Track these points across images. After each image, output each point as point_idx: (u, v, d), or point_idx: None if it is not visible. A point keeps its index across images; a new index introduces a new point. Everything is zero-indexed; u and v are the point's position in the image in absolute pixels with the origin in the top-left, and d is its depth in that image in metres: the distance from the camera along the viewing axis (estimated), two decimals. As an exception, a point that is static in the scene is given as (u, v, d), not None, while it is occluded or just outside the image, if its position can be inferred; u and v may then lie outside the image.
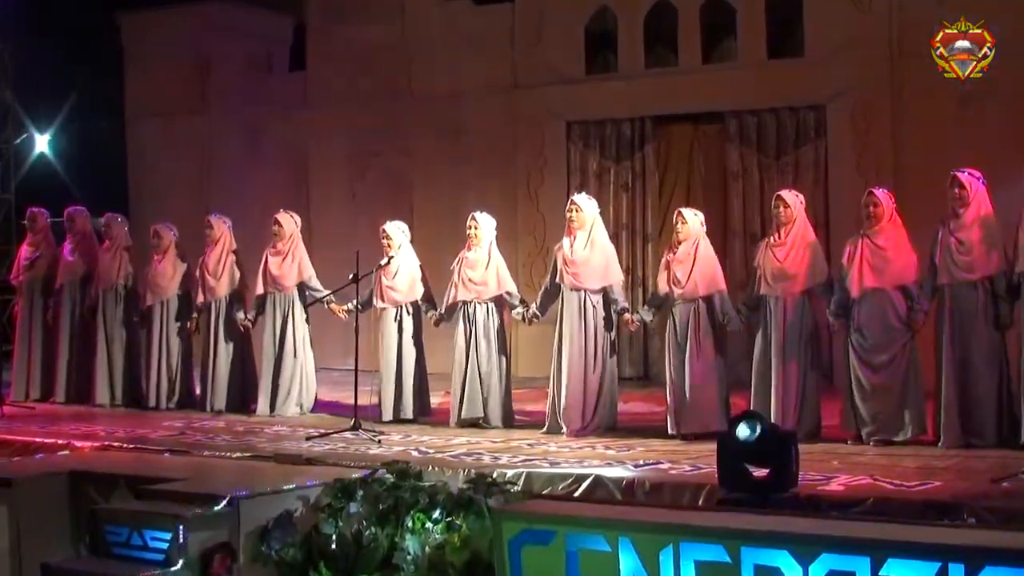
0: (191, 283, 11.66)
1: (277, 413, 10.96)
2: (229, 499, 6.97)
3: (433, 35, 15.10)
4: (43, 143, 17.24)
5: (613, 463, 8.14)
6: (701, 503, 7.11)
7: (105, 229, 12.35)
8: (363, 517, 7.08)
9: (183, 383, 11.72)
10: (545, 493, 7.53)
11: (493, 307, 10.21)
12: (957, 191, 8.64)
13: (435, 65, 15.04)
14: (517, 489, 7.45)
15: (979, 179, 8.68)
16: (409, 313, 10.59)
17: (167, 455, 8.99)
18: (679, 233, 9.51)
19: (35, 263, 12.72)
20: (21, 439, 9.72)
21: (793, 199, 9.28)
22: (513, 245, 13.35)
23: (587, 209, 9.80)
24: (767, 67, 13.35)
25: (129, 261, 12.17)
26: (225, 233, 11.57)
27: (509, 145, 14.51)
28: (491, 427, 9.98)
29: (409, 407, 10.46)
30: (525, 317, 10.17)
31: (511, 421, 10.14)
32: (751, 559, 5.64)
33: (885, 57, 12.69)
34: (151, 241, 11.88)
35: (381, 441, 9.22)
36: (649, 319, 9.86)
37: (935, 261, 8.71)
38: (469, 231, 10.28)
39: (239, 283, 11.47)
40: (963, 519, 6.42)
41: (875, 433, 8.71)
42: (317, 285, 11.16)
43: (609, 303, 9.72)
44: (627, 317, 9.70)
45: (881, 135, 12.70)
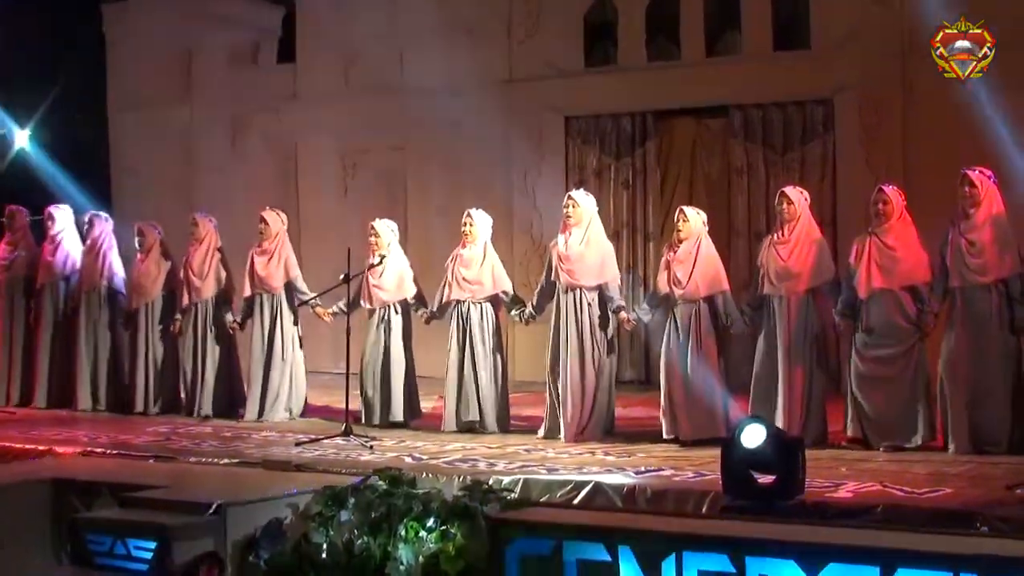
0: (176, 283, 11.67)
1: (266, 418, 10.96)
2: (216, 507, 6.98)
3: (426, 26, 15.08)
4: (23, 138, 17.22)
5: (613, 469, 8.15)
6: (704, 511, 7.12)
7: (87, 228, 12.36)
8: (355, 526, 7.09)
9: (168, 387, 11.72)
10: (543, 501, 7.53)
11: (488, 307, 10.22)
12: (968, 190, 8.66)
13: (429, 57, 15.04)
14: (514, 496, 7.45)
15: (990, 177, 8.71)
16: (397, 313, 10.61)
17: (152, 461, 8.99)
18: (680, 232, 9.53)
19: (14, 263, 12.71)
20: (0, 444, 9.72)
21: (797, 195, 9.30)
22: (509, 244, 13.38)
23: (584, 205, 9.82)
24: (773, 59, 13.37)
25: (114, 261, 12.18)
26: (211, 232, 11.57)
27: (505, 141, 14.50)
28: (487, 432, 9.99)
29: (399, 410, 10.47)
30: (521, 317, 10.19)
31: (507, 426, 10.16)
32: (756, 569, 5.67)
33: (895, 49, 12.69)
34: (135, 240, 11.89)
35: (373, 447, 9.24)
36: (646, 319, 9.88)
37: (946, 262, 8.72)
38: (464, 228, 10.29)
39: (226, 283, 11.47)
40: (976, 528, 6.42)
41: (882, 439, 8.74)
42: (303, 286, 11.15)
43: (605, 301, 9.74)
44: (623, 316, 9.72)
45: (891, 130, 12.71)
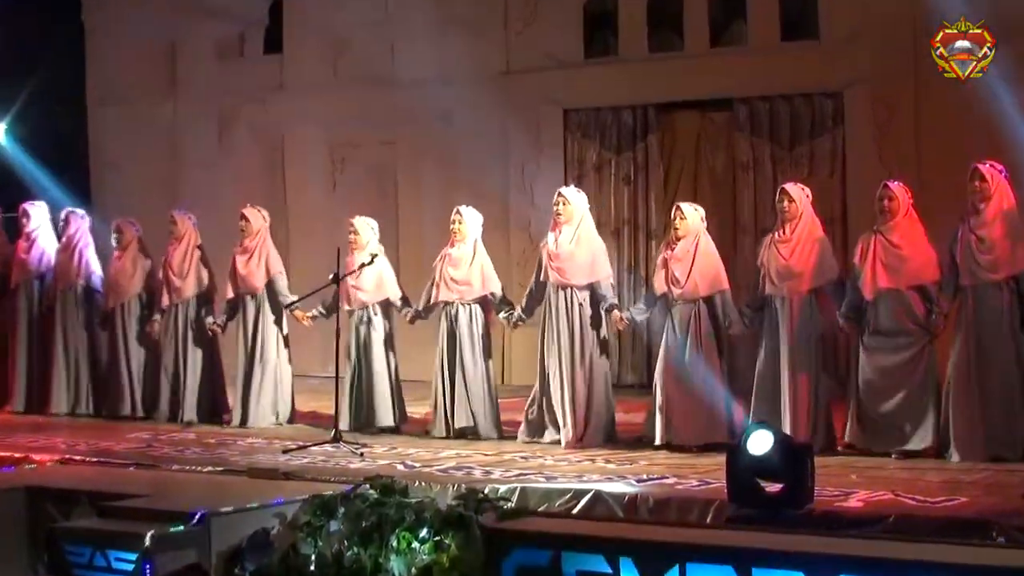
0: (155, 283, 11.66)
1: (251, 424, 10.95)
2: (199, 517, 6.97)
3: (419, 14, 15.07)
4: (-1, 132, 17.20)
5: (614, 477, 8.15)
6: (709, 520, 7.12)
7: (63, 224, 12.35)
8: (344, 536, 7.08)
9: (149, 391, 11.70)
10: (541, 510, 7.53)
11: (477, 309, 10.21)
12: (978, 184, 8.67)
13: (421, 47, 15.02)
14: (511, 505, 7.44)
15: (1001, 172, 8.72)
16: (377, 314, 10.59)
17: (133, 469, 8.98)
18: (678, 229, 9.53)
19: (-15, 262, 12.74)
20: (-26, 452, 9.72)
21: (798, 192, 9.30)
22: (506, 243, 13.37)
23: (575, 202, 9.82)
24: (780, 50, 13.37)
25: (91, 259, 12.17)
26: (190, 229, 11.56)
27: (501, 135, 14.50)
28: (481, 438, 9.98)
29: (385, 416, 10.46)
30: (510, 321, 10.17)
31: (501, 431, 10.14)
32: (763, 581, 5.67)
33: (908, 40, 12.67)
34: (112, 237, 11.88)
35: (364, 454, 9.23)
36: (640, 319, 9.88)
37: (956, 260, 8.72)
38: (453, 226, 10.29)
39: (208, 283, 11.46)
40: (992, 538, 6.42)
41: (889, 444, 8.73)
42: (282, 286, 11.09)
43: (598, 301, 9.73)
44: (616, 315, 9.70)
45: (904, 124, 12.71)
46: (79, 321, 12.08)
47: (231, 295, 11.20)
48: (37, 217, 12.61)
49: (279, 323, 11.14)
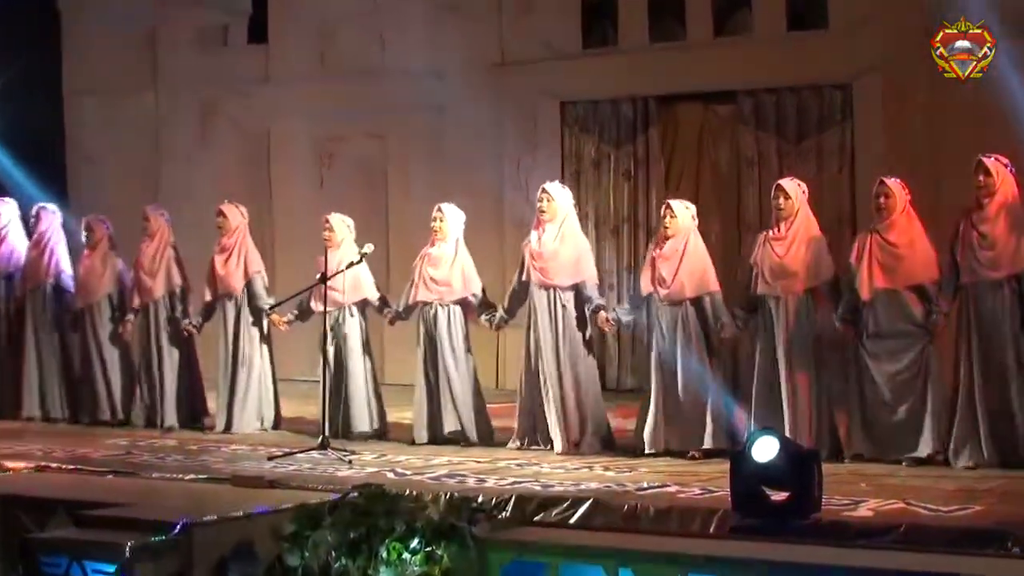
0: (126, 282, 11.65)
1: (236, 430, 10.96)
2: (181, 526, 6.96)
3: (409, 3, 15.07)
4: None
5: (613, 485, 8.16)
6: (712, 530, 7.13)
7: (34, 221, 12.33)
8: (332, 547, 7.06)
9: (125, 396, 11.69)
10: (537, 519, 7.55)
11: (457, 311, 10.21)
12: (982, 178, 8.68)
13: (411, 37, 15.02)
14: (506, 515, 7.45)
15: (1006, 165, 8.72)
16: (353, 315, 10.60)
17: (111, 477, 8.98)
18: (667, 228, 9.56)
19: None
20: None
21: (795, 189, 9.31)
22: (499, 240, 13.36)
23: (560, 199, 9.83)
24: (787, 40, 13.38)
25: (62, 257, 12.15)
26: (163, 227, 11.58)
27: (495, 128, 14.50)
28: (470, 443, 9.99)
29: (363, 421, 10.47)
30: (491, 323, 10.18)
31: (491, 436, 10.15)
32: (769, 593, 5.67)
33: (920, 29, 12.64)
34: (82, 235, 11.87)
35: (352, 461, 9.24)
36: (626, 320, 9.88)
37: (956, 258, 8.73)
38: (434, 224, 10.29)
39: (181, 283, 11.44)
40: (1007, 549, 6.43)
41: (898, 451, 8.75)
42: (260, 288, 11.07)
43: (583, 302, 9.73)
44: (602, 316, 9.70)
45: (915, 117, 12.71)
46: (49, 321, 12.07)
47: (209, 298, 11.19)
48: (6, 214, 12.59)
49: (259, 325, 11.12)
